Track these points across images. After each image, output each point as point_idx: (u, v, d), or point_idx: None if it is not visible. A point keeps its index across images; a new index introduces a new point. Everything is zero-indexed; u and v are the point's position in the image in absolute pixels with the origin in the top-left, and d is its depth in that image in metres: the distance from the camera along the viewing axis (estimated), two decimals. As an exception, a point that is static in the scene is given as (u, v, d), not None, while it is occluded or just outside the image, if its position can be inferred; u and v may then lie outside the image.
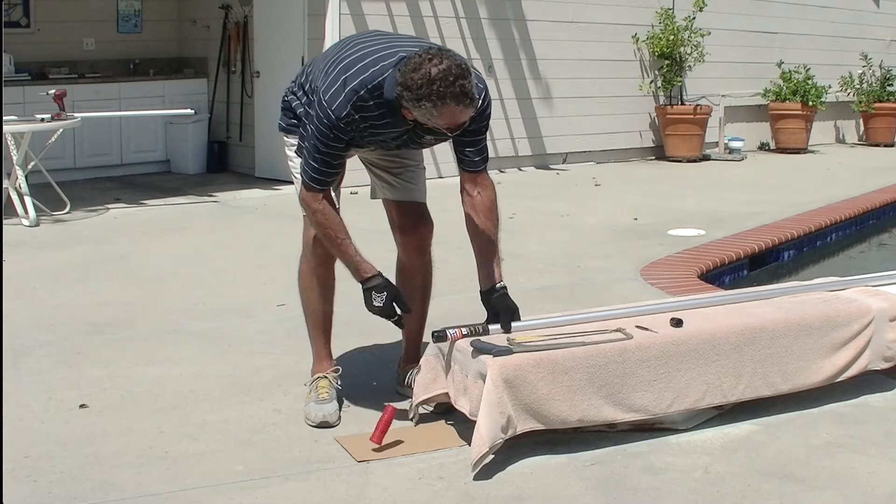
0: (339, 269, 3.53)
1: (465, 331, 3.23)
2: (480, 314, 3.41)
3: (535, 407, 3.12)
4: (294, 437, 3.34)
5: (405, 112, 3.10)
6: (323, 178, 3.24)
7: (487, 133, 3.40)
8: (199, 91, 10.17)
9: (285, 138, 3.57)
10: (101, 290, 5.34)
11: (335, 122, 3.11)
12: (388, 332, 4.16)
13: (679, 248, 6.37)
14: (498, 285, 3.35)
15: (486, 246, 3.39)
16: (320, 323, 3.59)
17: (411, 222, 3.62)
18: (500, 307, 3.32)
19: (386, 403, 3.26)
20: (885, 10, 14.51)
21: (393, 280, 3.71)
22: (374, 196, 3.76)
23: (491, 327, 3.30)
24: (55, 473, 3.04)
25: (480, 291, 3.39)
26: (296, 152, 3.41)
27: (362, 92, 3.11)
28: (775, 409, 3.56)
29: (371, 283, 3.25)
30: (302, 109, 3.42)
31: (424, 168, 3.71)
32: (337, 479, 3.02)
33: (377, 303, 3.22)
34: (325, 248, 3.43)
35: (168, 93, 9.86)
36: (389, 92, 3.09)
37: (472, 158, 3.35)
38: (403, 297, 3.30)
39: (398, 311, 3.26)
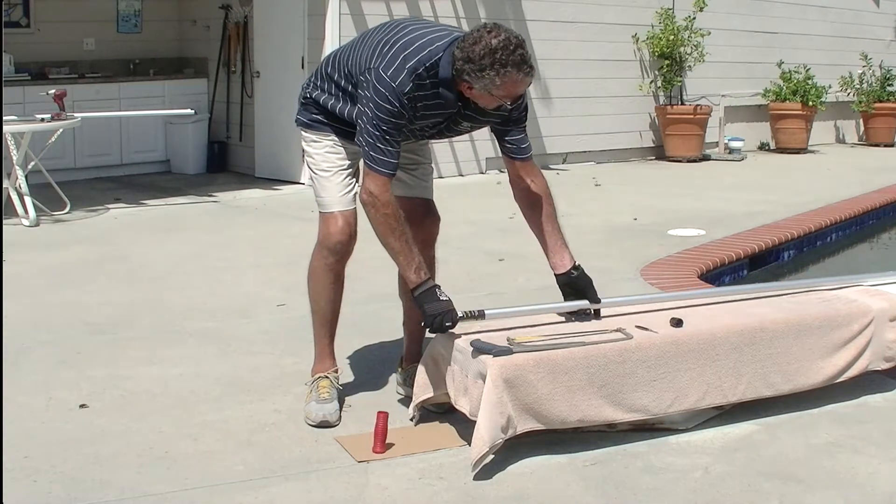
0: (347, 269, 3.54)
1: (460, 314, 3.25)
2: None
3: (535, 407, 3.12)
4: (294, 437, 3.34)
5: (463, 86, 3.15)
6: (392, 159, 3.21)
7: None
8: (199, 91, 10.17)
9: (304, 134, 3.54)
10: (101, 290, 5.34)
11: (399, 95, 3.14)
12: (388, 332, 4.17)
13: (679, 248, 6.36)
14: (577, 264, 3.48)
15: (552, 231, 3.52)
16: (328, 322, 3.58)
17: (421, 216, 3.64)
18: (585, 284, 3.46)
19: (378, 410, 3.25)
20: (885, 10, 14.51)
21: (396, 278, 3.72)
22: None
23: (575, 303, 3.42)
24: (55, 473, 3.04)
25: (557, 275, 3.49)
26: (358, 141, 3.26)
27: (420, 70, 3.16)
28: (775, 409, 3.55)
29: (430, 284, 3.24)
30: (332, 101, 3.41)
31: (433, 168, 3.77)
32: (337, 479, 3.02)
33: (444, 297, 3.22)
34: (346, 245, 3.44)
35: (168, 93, 9.86)
36: (445, 71, 3.15)
37: (520, 145, 3.44)
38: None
39: (458, 316, 3.24)
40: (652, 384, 3.29)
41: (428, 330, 3.26)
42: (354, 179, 3.51)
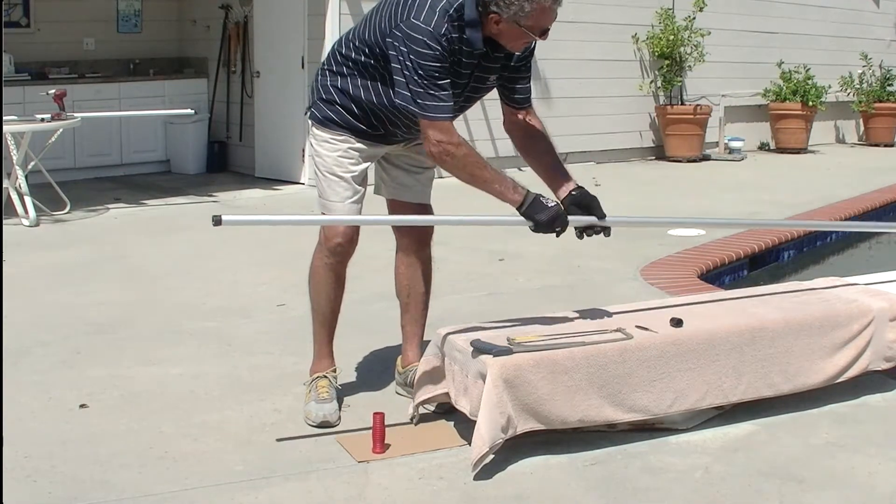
0: (347, 269, 3.54)
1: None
2: (480, 314, 3.41)
3: (536, 407, 3.12)
4: (294, 437, 3.34)
5: (490, 22, 3.14)
6: (446, 102, 3.16)
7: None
8: (199, 91, 10.17)
9: (316, 131, 3.46)
10: (101, 290, 5.34)
11: (437, 38, 3.11)
12: (388, 332, 4.16)
13: (679, 248, 6.37)
14: (578, 184, 3.51)
15: (554, 160, 3.58)
16: (327, 321, 3.58)
17: (418, 214, 3.65)
18: (589, 199, 3.50)
19: (373, 412, 3.24)
20: (885, 10, 14.51)
21: (394, 280, 3.72)
22: (377, 192, 3.74)
23: (584, 218, 3.45)
24: (55, 473, 3.04)
25: (563, 199, 3.47)
26: (401, 101, 3.18)
27: (451, 11, 3.14)
28: (775, 410, 3.55)
29: (533, 195, 3.27)
30: (350, 84, 3.35)
31: (434, 172, 3.75)
32: (337, 479, 3.02)
33: (551, 204, 3.28)
34: (346, 247, 3.43)
35: (168, 93, 9.86)
36: (471, 11, 3.14)
37: (524, 95, 3.52)
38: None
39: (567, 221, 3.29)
40: (652, 384, 3.28)
41: (545, 233, 3.28)
42: (364, 184, 3.49)
